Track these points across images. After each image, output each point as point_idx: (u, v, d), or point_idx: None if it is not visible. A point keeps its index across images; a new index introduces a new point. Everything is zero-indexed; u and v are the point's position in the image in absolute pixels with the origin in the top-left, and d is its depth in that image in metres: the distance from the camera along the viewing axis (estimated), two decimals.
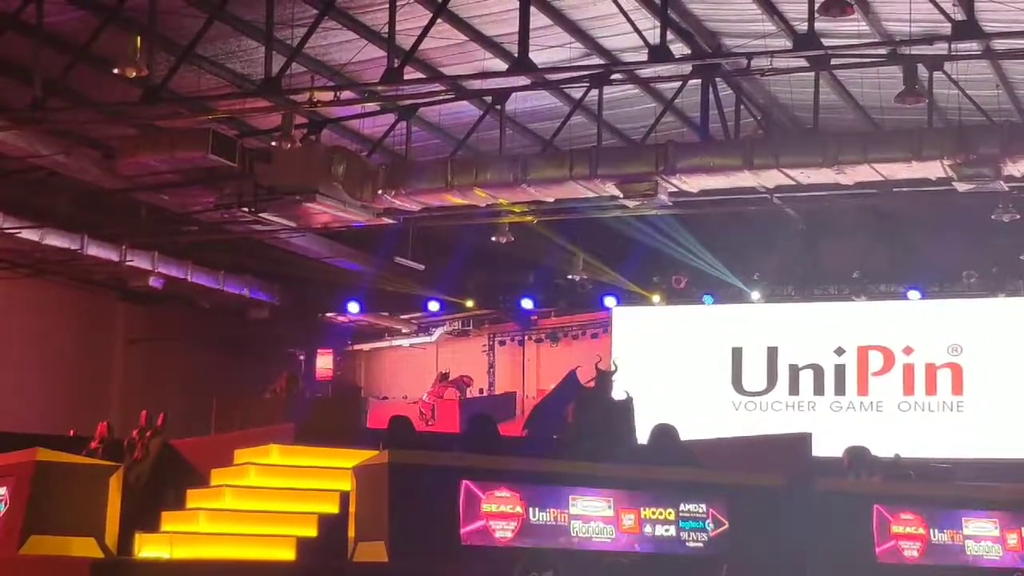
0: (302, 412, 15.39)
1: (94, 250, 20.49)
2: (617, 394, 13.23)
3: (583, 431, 12.60)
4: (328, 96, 16.22)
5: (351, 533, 10.71)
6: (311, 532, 11.41)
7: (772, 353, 22.75)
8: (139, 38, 14.60)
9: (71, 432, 16.31)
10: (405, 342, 26.14)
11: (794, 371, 22.64)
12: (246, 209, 18.05)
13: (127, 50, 14.53)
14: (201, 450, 13.58)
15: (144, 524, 12.11)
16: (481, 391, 24.96)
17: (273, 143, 17.13)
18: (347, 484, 11.08)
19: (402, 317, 25.58)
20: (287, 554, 11.28)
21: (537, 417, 15.67)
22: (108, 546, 11.53)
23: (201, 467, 13.02)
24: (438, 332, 25.76)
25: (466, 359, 25.22)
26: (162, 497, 12.69)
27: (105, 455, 13.35)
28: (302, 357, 23.33)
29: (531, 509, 10.40)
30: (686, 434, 12.55)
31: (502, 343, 25.46)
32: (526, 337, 25.00)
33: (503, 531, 10.35)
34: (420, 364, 25.51)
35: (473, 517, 10.30)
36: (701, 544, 10.85)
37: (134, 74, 14.65)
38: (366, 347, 26.49)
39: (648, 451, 12.21)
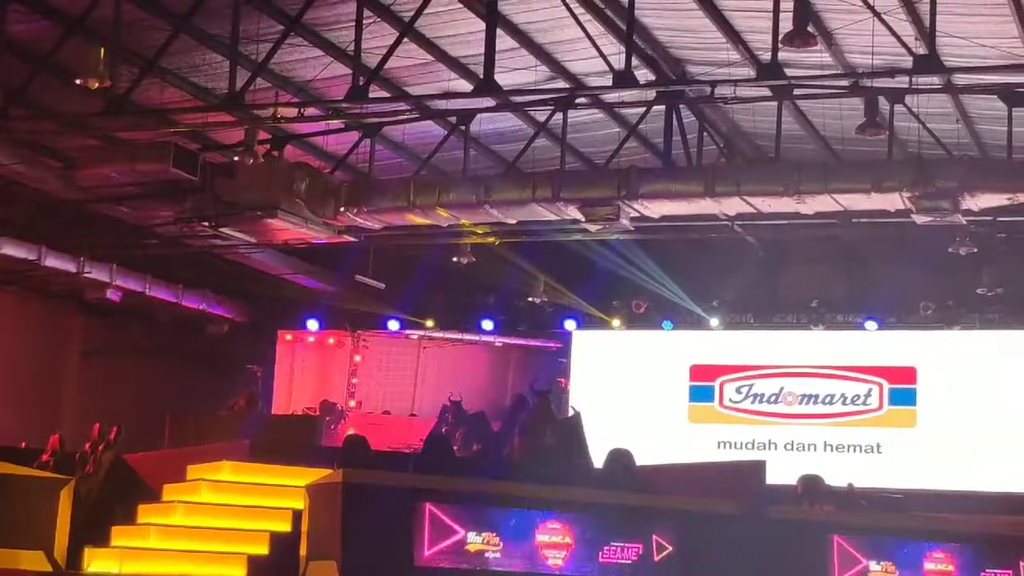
0: (257, 430, 15.32)
1: (52, 261, 20.32)
2: (566, 411, 13.28)
3: (533, 455, 12.61)
4: (292, 112, 16.16)
5: (303, 552, 10.66)
6: (262, 550, 11.39)
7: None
8: (102, 49, 14.52)
9: (23, 444, 16.18)
10: None
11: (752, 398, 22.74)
12: (206, 223, 17.97)
13: (90, 61, 14.45)
14: (154, 465, 13.52)
15: (94, 538, 12.05)
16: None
17: (235, 158, 17.07)
18: (300, 502, 11.04)
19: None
20: (238, 572, 11.25)
21: (491, 448, 15.67)
22: (57, 560, 11.48)
23: (153, 482, 12.97)
24: None
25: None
26: (113, 512, 12.63)
27: (57, 468, 13.29)
28: (259, 374, 23.17)
29: (485, 531, 10.37)
30: (642, 458, 12.57)
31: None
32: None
33: (457, 553, 10.31)
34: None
35: (428, 538, 10.25)
36: (650, 570, 10.86)
37: (96, 85, 14.56)
38: None
39: (603, 476, 12.21)
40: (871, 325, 22.24)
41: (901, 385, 22.05)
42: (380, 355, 24.72)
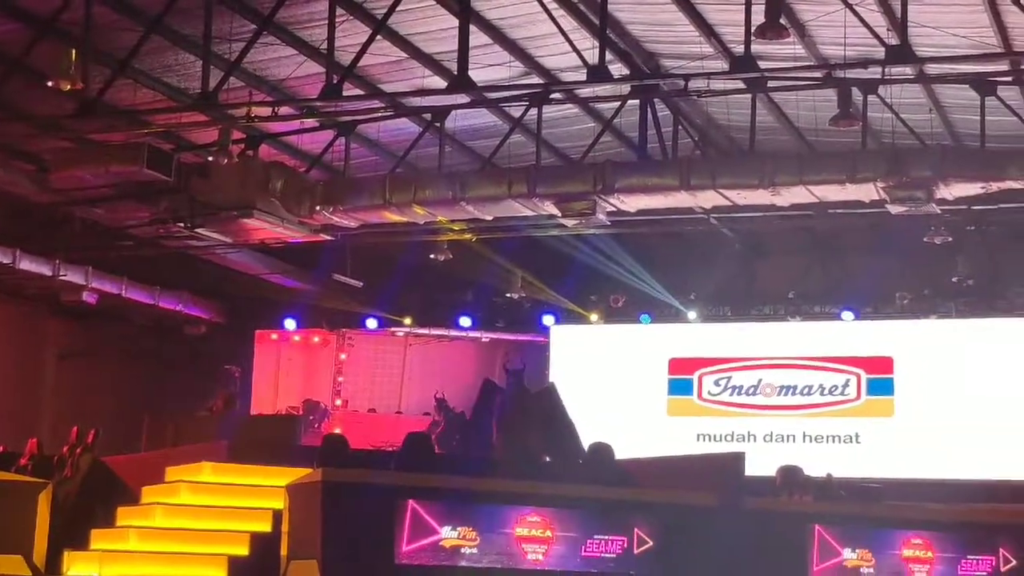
0: (235, 430, 15.29)
1: (27, 264, 20.24)
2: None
3: (515, 435, 12.55)
4: (266, 111, 16.14)
5: (283, 552, 10.64)
6: (243, 551, 11.36)
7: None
8: (74, 51, 14.46)
9: (0, 448, 16.10)
10: None
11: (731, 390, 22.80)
12: (182, 224, 17.91)
13: (61, 63, 14.39)
14: (132, 467, 13.50)
15: (73, 542, 12.02)
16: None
17: (210, 158, 17.01)
18: (280, 502, 11.02)
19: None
20: (218, 573, 11.23)
21: (464, 439, 15.59)
22: (36, 564, 11.46)
23: (132, 484, 12.94)
24: None
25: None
26: (92, 515, 12.59)
27: (34, 472, 13.25)
28: (237, 374, 23.12)
29: (461, 526, 10.36)
30: (622, 452, 12.58)
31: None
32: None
33: (439, 550, 10.30)
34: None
35: (407, 535, 10.25)
36: (633, 563, 10.87)
37: (69, 87, 14.51)
38: None
39: (583, 470, 12.21)
40: (848, 316, 22.31)
41: (878, 375, 22.13)
42: (366, 353, 24.68)
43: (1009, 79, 15.79)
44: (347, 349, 24.53)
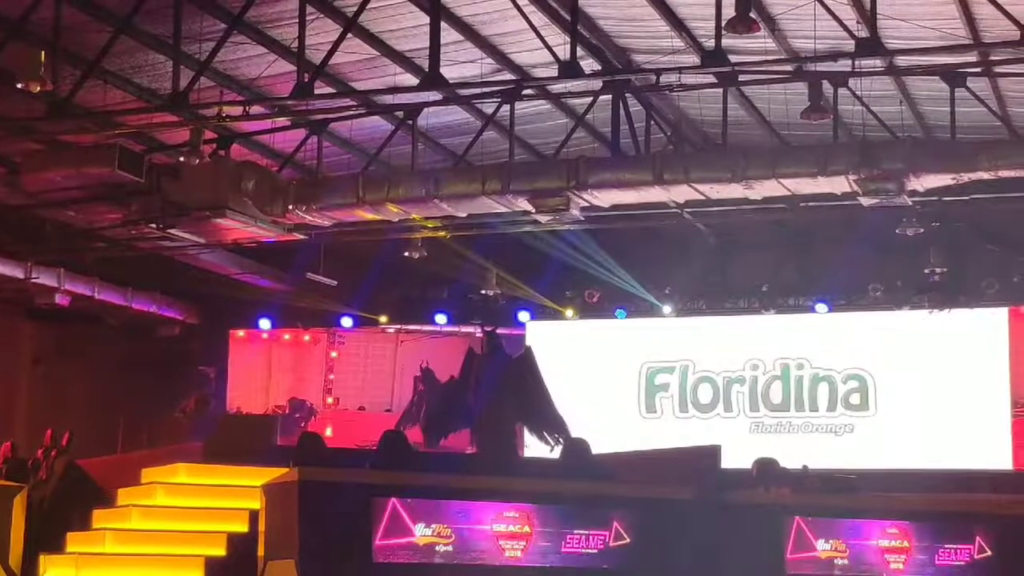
0: (209, 430, 15.26)
1: None
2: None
3: (490, 397, 12.52)
4: (237, 111, 16.10)
5: (260, 552, 10.62)
6: (220, 551, 11.34)
7: (683, 367, 23.00)
8: (43, 52, 14.39)
9: None
10: None
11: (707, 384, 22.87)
12: (154, 225, 17.85)
13: (31, 64, 14.31)
14: (108, 469, 13.46)
15: (49, 545, 11.99)
16: None
17: (181, 158, 16.96)
18: (256, 502, 11.00)
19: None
20: (196, 574, 11.19)
21: (440, 417, 15.47)
22: (12, 568, 11.41)
23: (108, 487, 12.90)
24: None
25: None
26: (68, 518, 12.55)
27: (9, 475, 13.21)
28: (212, 375, 23.06)
29: (441, 525, 10.36)
30: (599, 447, 12.60)
31: None
32: None
33: (415, 549, 10.29)
34: None
35: (383, 533, 10.24)
36: (612, 557, 10.88)
37: (38, 89, 14.45)
38: None
39: (560, 465, 12.24)
40: (821, 308, 22.41)
41: (851, 366, 22.26)
42: (357, 351, 24.63)
43: (978, 70, 15.89)
44: (338, 347, 24.51)
